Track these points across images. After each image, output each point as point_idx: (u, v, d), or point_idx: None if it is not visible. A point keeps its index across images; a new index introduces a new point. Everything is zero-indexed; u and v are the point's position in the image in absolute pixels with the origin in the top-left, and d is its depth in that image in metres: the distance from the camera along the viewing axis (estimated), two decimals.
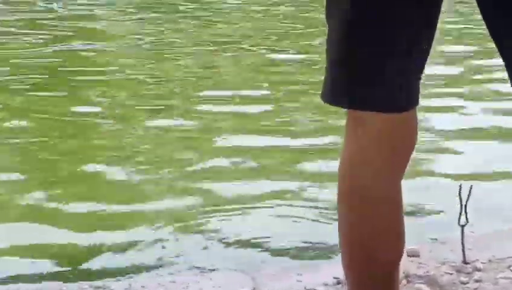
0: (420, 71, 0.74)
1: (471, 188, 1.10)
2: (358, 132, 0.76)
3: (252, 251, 1.26)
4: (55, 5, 4.18)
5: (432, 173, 1.77)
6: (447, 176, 1.75)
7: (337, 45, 0.75)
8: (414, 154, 0.77)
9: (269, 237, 1.31)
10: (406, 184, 0.78)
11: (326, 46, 0.78)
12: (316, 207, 1.54)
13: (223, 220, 1.44)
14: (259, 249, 1.26)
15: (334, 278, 1.11)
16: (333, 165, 1.04)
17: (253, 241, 1.29)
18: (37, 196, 1.58)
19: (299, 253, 1.25)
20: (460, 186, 1.12)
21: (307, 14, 4.20)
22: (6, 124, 2.21)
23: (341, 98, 0.75)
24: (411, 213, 1.40)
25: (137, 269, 1.19)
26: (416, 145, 0.76)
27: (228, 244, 1.27)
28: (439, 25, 0.72)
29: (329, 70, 0.76)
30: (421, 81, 0.74)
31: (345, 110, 0.76)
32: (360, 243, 0.75)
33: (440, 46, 3.17)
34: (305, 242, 1.30)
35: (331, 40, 0.76)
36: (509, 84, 0.71)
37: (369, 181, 0.75)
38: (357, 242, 0.76)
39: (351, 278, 0.78)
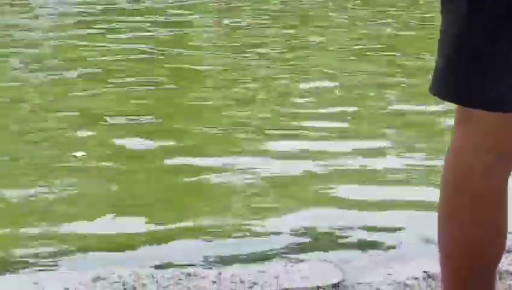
0: None
1: None
2: (468, 128, 0.77)
3: (340, 243, 1.29)
4: None
5: None
6: None
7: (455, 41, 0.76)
8: None
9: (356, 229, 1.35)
10: None
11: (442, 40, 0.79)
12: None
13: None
14: (348, 241, 1.30)
15: (424, 271, 1.11)
16: None
17: (339, 233, 1.33)
18: None
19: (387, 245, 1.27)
20: None
21: None
22: None
23: (454, 94, 0.77)
24: None
25: (227, 259, 1.25)
26: None
27: (316, 236, 1.31)
28: None
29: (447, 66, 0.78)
30: None
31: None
32: (466, 239, 0.76)
33: None
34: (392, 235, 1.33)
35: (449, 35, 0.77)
36: None
37: (480, 179, 0.75)
38: (463, 238, 0.76)
39: (451, 273, 0.78)
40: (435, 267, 0.93)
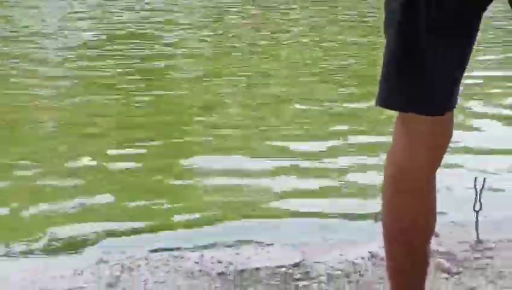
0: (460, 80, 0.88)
1: (484, 180, 1.34)
2: (405, 131, 0.90)
3: (302, 229, 1.57)
4: None
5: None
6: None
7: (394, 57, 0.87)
8: None
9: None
10: None
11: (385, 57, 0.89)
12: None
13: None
14: (308, 228, 1.58)
15: (369, 252, 1.36)
16: None
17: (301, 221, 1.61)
18: None
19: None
20: (475, 178, 1.35)
21: None
22: None
23: (392, 102, 0.89)
24: None
25: (209, 244, 1.49)
26: None
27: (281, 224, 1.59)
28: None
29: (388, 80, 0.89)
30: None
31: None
32: (402, 223, 0.92)
33: None
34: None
35: (390, 51, 0.88)
36: None
37: (415, 173, 0.89)
38: (401, 222, 0.91)
39: (393, 251, 0.95)
40: (380, 249, 1.17)
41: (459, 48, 0.88)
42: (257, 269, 1.29)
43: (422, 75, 0.88)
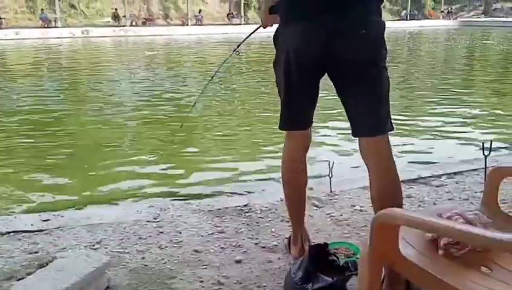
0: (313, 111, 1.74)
1: (332, 164, 2.70)
2: (289, 140, 1.85)
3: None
4: None
5: None
6: None
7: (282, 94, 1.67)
8: None
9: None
10: None
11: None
12: None
13: None
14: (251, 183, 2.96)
15: (280, 199, 2.66)
16: None
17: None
18: None
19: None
20: None
21: None
22: None
23: (282, 125, 1.74)
24: None
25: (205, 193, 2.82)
26: None
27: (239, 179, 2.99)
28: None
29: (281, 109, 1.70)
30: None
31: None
32: (289, 183, 1.86)
33: None
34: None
35: (279, 92, 1.71)
36: None
37: (295, 160, 1.83)
38: (288, 183, 1.87)
39: (286, 197, 1.94)
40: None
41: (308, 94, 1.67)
42: (226, 207, 2.57)
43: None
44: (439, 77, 9.98)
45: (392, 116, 1.62)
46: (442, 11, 39.03)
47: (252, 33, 1.98)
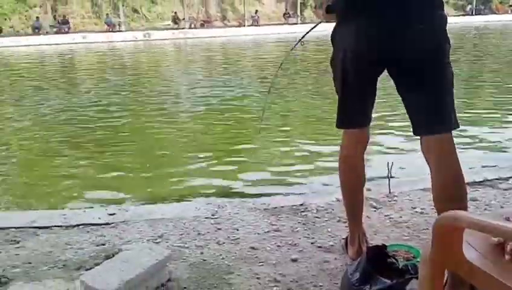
0: (371, 109, 1.73)
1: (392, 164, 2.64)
2: (346, 138, 1.83)
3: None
4: None
5: None
6: None
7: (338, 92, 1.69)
8: None
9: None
10: None
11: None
12: None
13: None
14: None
15: (337, 199, 2.65)
16: None
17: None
18: None
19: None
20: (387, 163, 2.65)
21: None
22: None
23: (339, 124, 1.75)
24: None
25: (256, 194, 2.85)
26: None
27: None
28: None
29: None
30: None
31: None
32: (346, 182, 1.86)
33: None
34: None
35: (336, 89, 1.71)
36: None
37: (352, 159, 1.80)
38: (345, 182, 1.87)
39: (344, 196, 1.95)
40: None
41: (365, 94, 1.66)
42: (282, 206, 2.59)
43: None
44: (507, 74, 9.42)
45: (458, 114, 1.56)
46: (511, 5, 36.76)
47: (309, 31, 1.98)
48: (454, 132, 1.57)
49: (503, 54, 13.92)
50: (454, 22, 24.90)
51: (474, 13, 33.97)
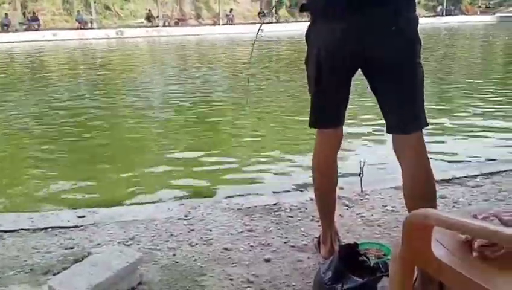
0: (345, 109, 1.72)
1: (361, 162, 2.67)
2: (319, 138, 1.82)
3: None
4: None
5: None
6: None
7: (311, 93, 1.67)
8: None
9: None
10: None
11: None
12: None
13: None
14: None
15: (310, 198, 2.65)
16: None
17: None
18: None
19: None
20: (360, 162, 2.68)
21: None
22: None
23: (312, 123, 1.72)
24: None
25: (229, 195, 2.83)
26: None
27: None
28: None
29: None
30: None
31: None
32: (319, 182, 1.86)
33: None
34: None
35: (310, 89, 1.70)
36: None
37: (325, 162, 1.82)
38: (318, 182, 1.86)
39: (316, 196, 1.99)
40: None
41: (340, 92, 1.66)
42: (255, 206, 2.58)
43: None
44: (477, 74, 9.69)
45: (427, 114, 1.59)
46: (480, 6, 37.81)
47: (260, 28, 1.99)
48: (424, 132, 1.59)
49: (471, 55, 14.30)
50: (425, 22, 25.45)
51: (444, 14, 34.76)
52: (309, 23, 1.69)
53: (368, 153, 4.05)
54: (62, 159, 4.41)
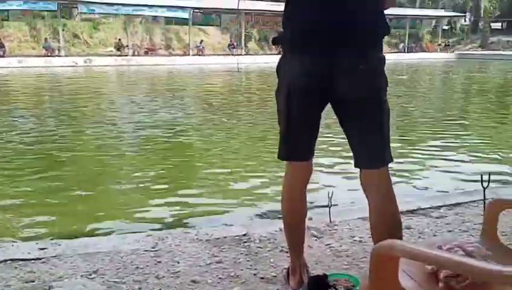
0: (315, 142, 1.72)
1: (332, 193, 2.70)
2: (289, 170, 1.83)
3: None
4: None
5: None
6: None
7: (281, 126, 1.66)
8: None
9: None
10: None
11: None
12: None
13: None
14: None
15: (279, 229, 2.64)
16: None
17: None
18: None
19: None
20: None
21: None
22: None
23: (282, 155, 1.72)
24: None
25: (200, 225, 2.78)
26: None
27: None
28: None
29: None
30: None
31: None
32: (288, 213, 1.83)
33: None
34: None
35: (279, 121, 1.68)
36: None
37: (293, 196, 1.80)
38: (287, 213, 1.84)
39: (285, 227, 1.90)
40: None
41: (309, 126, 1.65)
42: (225, 237, 2.55)
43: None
44: (438, 109, 10.07)
45: (392, 148, 1.63)
46: (440, 44, 39.67)
47: None
48: (389, 166, 1.64)
49: (433, 89, 14.89)
50: (388, 58, 26.35)
51: (406, 51, 36.23)
52: (280, 56, 1.73)
53: (336, 183, 4.11)
54: (23, 189, 4.26)
